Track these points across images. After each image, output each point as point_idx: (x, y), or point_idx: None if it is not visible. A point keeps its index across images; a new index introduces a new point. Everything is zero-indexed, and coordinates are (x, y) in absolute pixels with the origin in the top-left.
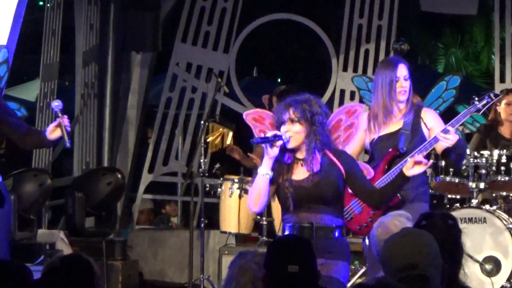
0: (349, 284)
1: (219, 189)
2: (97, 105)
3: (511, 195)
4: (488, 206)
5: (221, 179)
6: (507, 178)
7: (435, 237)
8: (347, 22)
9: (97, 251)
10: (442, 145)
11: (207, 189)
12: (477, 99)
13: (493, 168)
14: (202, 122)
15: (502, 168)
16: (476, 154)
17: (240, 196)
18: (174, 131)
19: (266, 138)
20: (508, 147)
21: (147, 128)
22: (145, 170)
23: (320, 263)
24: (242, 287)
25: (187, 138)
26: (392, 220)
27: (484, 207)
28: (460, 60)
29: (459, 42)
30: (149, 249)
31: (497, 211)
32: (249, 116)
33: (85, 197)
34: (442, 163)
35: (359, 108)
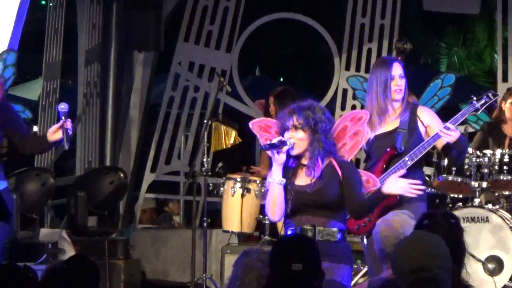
0: (352, 283)
1: (222, 188)
2: (100, 104)
3: None
4: (491, 205)
5: (224, 178)
6: (510, 177)
7: None
8: (350, 22)
9: (100, 250)
10: (443, 141)
11: (210, 188)
12: (476, 99)
13: (496, 167)
14: (205, 122)
15: (505, 167)
16: (479, 153)
17: (243, 195)
18: (177, 131)
19: (273, 145)
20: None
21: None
22: (148, 169)
23: (323, 267)
24: (247, 285)
25: (190, 138)
26: (395, 217)
27: (487, 206)
28: (463, 60)
29: (462, 42)
30: (152, 248)
31: (500, 210)
32: (255, 125)
33: (88, 196)
34: (445, 162)
35: (364, 115)
